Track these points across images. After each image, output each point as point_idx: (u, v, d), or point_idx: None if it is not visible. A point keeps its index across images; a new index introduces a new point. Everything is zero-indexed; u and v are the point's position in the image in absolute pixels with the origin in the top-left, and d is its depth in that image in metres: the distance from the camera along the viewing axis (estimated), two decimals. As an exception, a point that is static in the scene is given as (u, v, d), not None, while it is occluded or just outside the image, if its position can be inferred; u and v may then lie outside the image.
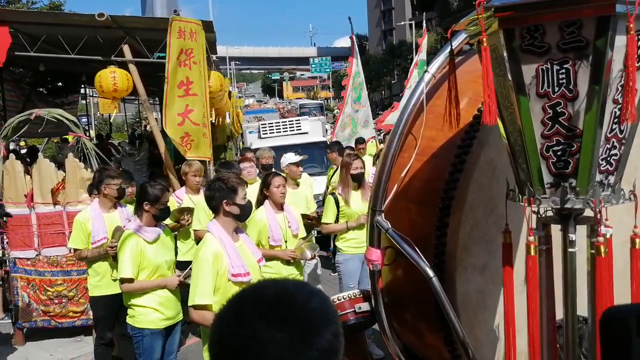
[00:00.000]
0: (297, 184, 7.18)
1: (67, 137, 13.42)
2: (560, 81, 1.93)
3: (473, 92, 2.89)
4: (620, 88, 1.93)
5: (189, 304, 3.66)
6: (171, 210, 5.47)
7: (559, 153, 2.01)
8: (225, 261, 3.69)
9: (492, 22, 1.98)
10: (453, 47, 2.63)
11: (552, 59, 1.92)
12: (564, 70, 1.91)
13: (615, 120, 1.98)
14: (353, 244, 6.15)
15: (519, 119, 2.03)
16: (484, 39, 1.96)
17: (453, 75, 2.48)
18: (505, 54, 1.98)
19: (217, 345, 1.13)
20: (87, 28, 8.54)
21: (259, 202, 5.52)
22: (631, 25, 1.77)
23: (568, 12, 1.84)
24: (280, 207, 5.56)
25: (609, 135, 1.99)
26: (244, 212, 3.96)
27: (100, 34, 8.59)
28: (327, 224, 6.22)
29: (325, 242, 8.90)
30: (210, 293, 3.60)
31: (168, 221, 5.71)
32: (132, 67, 8.37)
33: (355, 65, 12.20)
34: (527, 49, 1.94)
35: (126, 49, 8.41)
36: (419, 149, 2.90)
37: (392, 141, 2.90)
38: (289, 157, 7.18)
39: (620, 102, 1.94)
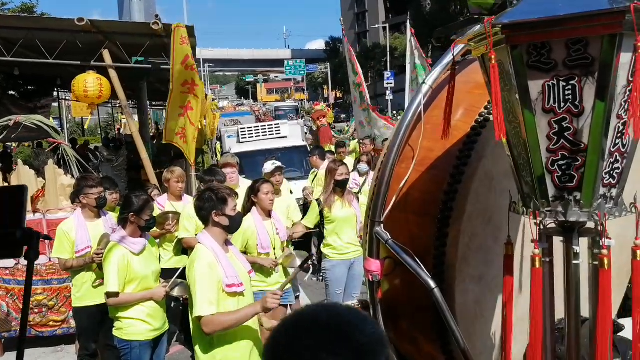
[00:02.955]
0: (277, 192, 7.15)
1: (41, 142, 13.23)
2: (567, 97, 1.96)
3: (469, 103, 2.92)
4: (623, 104, 1.98)
5: (194, 315, 3.57)
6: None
7: (564, 167, 2.04)
8: (219, 272, 3.63)
9: (498, 38, 2.01)
10: (451, 60, 2.66)
11: (559, 76, 1.95)
12: (570, 87, 1.95)
13: (619, 135, 2.02)
14: (339, 251, 6.18)
15: (525, 133, 2.06)
16: (493, 57, 1.98)
17: (452, 87, 2.50)
18: (511, 70, 2.01)
19: None
20: (66, 32, 8.43)
21: (246, 210, 5.50)
22: (639, 44, 1.82)
23: (575, 30, 1.88)
24: (268, 214, 5.56)
25: (612, 150, 2.03)
26: (234, 224, 3.91)
27: (79, 39, 8.50)
28: (306, 226, 6.29)
29: (306, 248, 8.93)
30: (214, 302, 3.54)
31: (152, 229, 5.64)
32: (112, 72, 8.29)
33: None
34: (534, 65, 1.97)
35: (106, 53, 8.34)
36: (417, 160, 2.92)
37: (390, 152, 2.91)
38: (266, 167, 7.17)
39: (624, 117, 1.99)
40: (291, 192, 8.97)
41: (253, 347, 3.80)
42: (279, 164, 7.21)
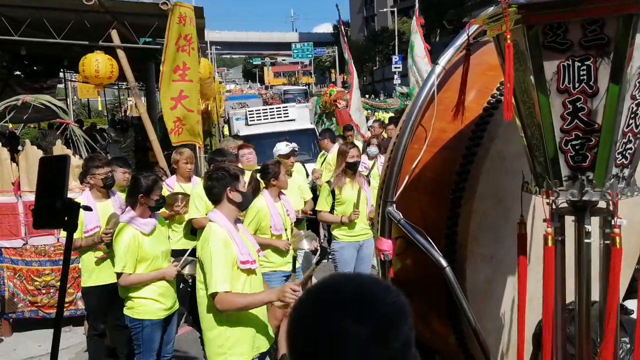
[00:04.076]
0: (290, 174, 7.16)
1: (52, 122, 13.23)
2: (581, 77, 1.97)
3: (481, 84, 2.93)
4: (638, 85, 1.98)
5: (209, 292, 3.58)
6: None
7: (577, 147, 2.06)
8: (234, 249, 3.67)
9: (514, 18, 2.01)
10: (464, 41, 2.66)
11: (574, 56, 1.96)
12: (585, 67, 1.96)
13: (632, 116, 2.04)
14: (349, 233, 6.21)
15: (538, 113, 2.07)
16: (508, 36, 1.99)
17: (466, 68, 2.51)
18: (527, 50, 2.01)
19: (300, 342, 1.16)
20: (74, 12, 8.39)
21: (256, 191, 5.55)
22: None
23: (592, 10, 1.88)
24: (278, 195, 5.60)
25: (625, 130, 2.04)
26: (246, 200, 3.94)
27: (87, 19, 8.45)
28: (321, 211, 6.28)
29: (315, 230, 8.95)
30: (228, 279, 3.56)
31: (161, 210, 5.66)
32: (120, 52, 8.26)
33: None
34: (549, 46, 1.98)
35: (114, 34, 8.29)
36: (430, 141, 2.93)
37: (403, 133, 2.93)
38: (280, 148, 7.17)
39: (638, 98, 1.99)
40: (307, 175, 9.01)
41: (260, 326, 3.85)
42: (292, 145, 7.21)
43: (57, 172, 2.09)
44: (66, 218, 2.08)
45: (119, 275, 4.54)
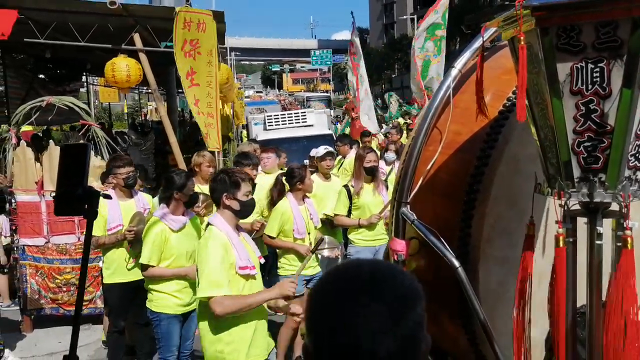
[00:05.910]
0: (328, 177, 7.19)
1: (75, 124, 13.40)
2: (594, 79, 1.99)
3: (497, 87, 2.96)
4: (651, 87, 2.00)
5: (203, 294, 3.55)
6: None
7: (589, 149, 2.07)
8: (233, 254, 3.64)
9: (527, 20, 2.04)
10: (480, 44, 2.69)
11: (587, 58, 1.98)
12: (598, 69, 1.98)
13: (645, 118, 2.05)
14: (365, 237, 6.24)
15: (551, 115, 2.09)
16: (522, 38, 2.02)
17: (481, 71, 2.54)
18: (540, 52, 2.04)
19: (322, 323, 1.21)
20: (98, 16, 8.53)
21: (281, 194, 5.61)
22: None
23: (605, 12, 1.90)
24: (302, 199, 5.66)
25: (638, 133, 2.06)
26: (245, 209, 3.85)
27: (110, 23, 8.59)
28: (338, 215, 6.32)
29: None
30: (225, 283, 3.52)
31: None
32: (142, 56, 8.38)
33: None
34: (563, 48, 2.00)
35: (137, 37, 8.42)
36: (445, 143, 2.97)
37: (418, 135, 2.97)
38: (318, 151, 7.26)
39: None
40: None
41: (259, 334, 3.79)
42: (330, 148, 7.27)
43: (78, 161, 2.15)
44: (86, 206, 2.14)
45: (144, 266, 4.71)
